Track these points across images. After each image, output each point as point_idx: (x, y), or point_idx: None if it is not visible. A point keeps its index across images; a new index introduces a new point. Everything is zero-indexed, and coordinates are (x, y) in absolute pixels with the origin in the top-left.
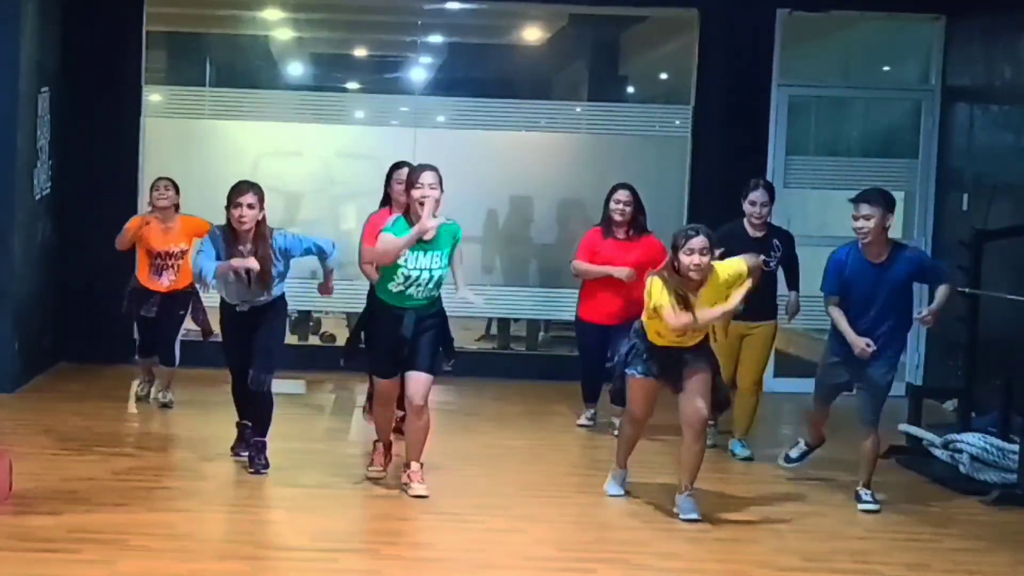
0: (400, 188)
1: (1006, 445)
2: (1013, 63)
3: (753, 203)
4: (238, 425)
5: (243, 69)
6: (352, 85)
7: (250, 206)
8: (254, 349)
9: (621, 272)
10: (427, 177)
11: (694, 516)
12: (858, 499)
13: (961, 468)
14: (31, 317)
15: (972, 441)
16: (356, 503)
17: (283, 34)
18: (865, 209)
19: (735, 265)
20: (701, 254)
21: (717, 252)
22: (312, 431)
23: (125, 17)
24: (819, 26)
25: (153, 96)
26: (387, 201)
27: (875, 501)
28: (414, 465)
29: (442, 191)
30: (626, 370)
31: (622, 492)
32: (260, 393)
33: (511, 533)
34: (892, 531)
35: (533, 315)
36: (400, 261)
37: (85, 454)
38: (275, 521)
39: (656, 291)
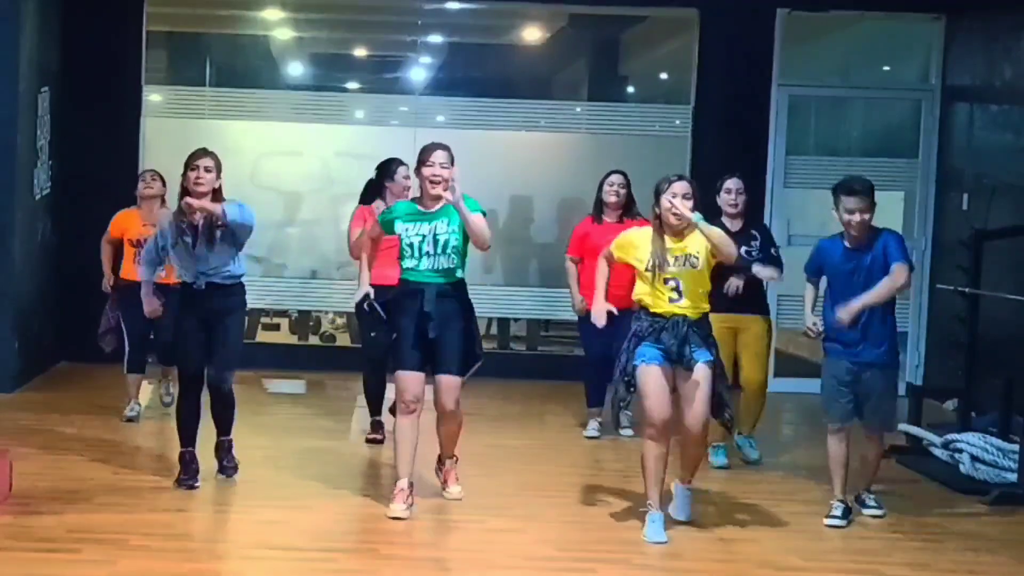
0: (406, 183)
1: (1006, 445)
2: (1013, 63)
3: (728, 191)
4: (181, 456)
5: (243, 69)
6: (352, 85)
7: (207, 169)
8: (213, 343)
9: (575, 300)
10: (438, 156)
11: (682, 518)
12: (862, 504)
13: (961, 468)
14: (31, 317)
15: (972, 441)
16: (356, 503)
17: (283, 34)
18: (863, 202)
19: (718, 229)
20: (684, 198)
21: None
22: (312, 431)
23: (125, 17)
24: (819, 26)
25: (153, 96)
26: (376, 194)
27: (880, 506)
28: (448, 462)
29: (453, 166)
30: (634, 363)
31: (664, 539)
32: (221, 392)
33: (511, 533)
34: (892, 531)
35: (533, 315)
36: (404, 234)
37: (85, 454)
38: (275, 521)
39: (627, 235)
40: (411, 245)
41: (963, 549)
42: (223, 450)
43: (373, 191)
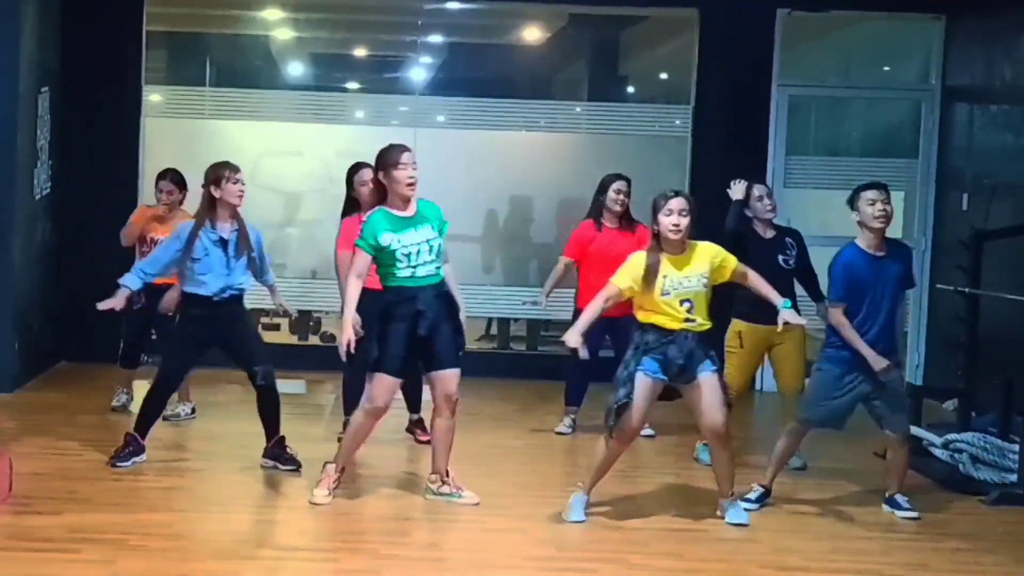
0: (365, 190)
1: (1006, 445)
2: (1013, 63)
3: (760, 198)
4: (134, 439)
5: (243, 69)
6: (352, 85)
7: (243, 181)
8: (245, 345)
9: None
10: (409, 156)
11: (740, 521)
12: (896, 506)
13: (961, 468)
14: (31, 317)
15: (972, 441)
16: (356, 503)
17: (283, 34)
18: (884, 194)
19: (716, 247)
20: (680, 215)
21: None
22: (312, 431)
23: (125, 17)
24: (819, 26)
25: (153, 96)
26: (354, 206)
27: (914, 508)
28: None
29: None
30: (634, 371)
31: (584, 518)
32: (271, 388)
33: (511, 533)
34: (892, 531)
35: (533, 315)
36: (395, 245)
37: (85, 454)
38: (275, 521)
39: (625, 266)
40: (407, 255)
41: (963, 549)
42: (279, 446)
43: (353, 202)
